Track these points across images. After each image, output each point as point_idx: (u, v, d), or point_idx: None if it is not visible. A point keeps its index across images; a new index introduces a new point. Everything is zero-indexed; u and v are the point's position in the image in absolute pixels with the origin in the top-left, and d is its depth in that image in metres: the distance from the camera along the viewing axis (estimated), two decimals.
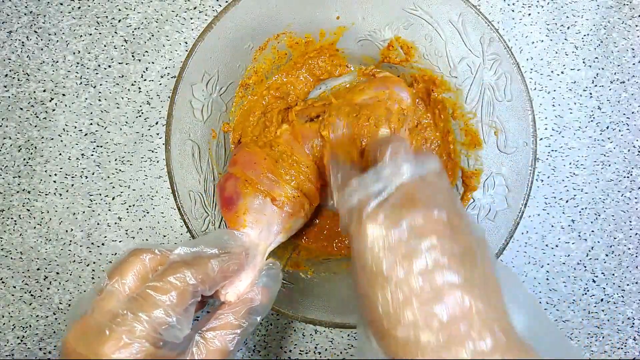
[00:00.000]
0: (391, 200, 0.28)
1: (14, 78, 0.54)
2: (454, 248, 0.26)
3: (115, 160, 0.54)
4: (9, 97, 0.54)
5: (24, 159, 0.54)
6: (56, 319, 0.54)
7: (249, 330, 0.33)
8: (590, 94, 0.54)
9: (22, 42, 0.54)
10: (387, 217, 0.27)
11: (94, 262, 0.54)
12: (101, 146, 0.54)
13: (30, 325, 0.54)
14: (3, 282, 0.54)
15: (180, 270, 0.30)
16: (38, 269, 0.54)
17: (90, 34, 0.54)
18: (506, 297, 0.27)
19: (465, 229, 0.28)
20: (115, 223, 0.54)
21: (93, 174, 0.54)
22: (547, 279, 0.54)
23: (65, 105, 0.54)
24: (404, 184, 0.29)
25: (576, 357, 0.27)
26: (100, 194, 0.54)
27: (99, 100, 0.54)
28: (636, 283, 0.54)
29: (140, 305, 0.28)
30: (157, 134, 0.54)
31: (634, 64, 0.54)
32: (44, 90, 0.54)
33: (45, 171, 0.54)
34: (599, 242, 0.54)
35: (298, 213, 0.42)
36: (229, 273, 0.33)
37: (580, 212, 0.54)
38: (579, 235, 0.54)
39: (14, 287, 0.54)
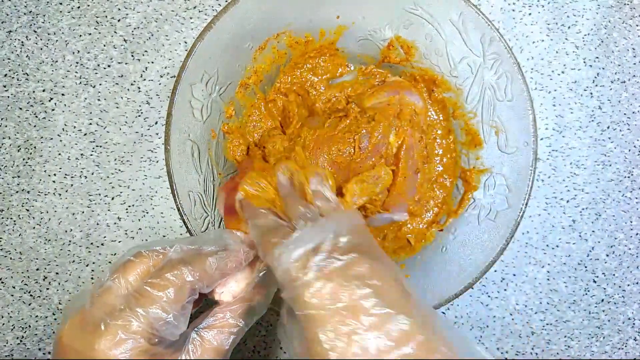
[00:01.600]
0: (332, 264, 0.28)
1: (13, 78, 0.54)
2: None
3: (115, 160, 0.54)
4: (8, 96, 0.54)
5: (23, 159, 0.54)
6: (55, 319, 0.54)
7: (245, 329, 0.33)
8: (591, 93, 0.54)
9: (22, 42, 0.54)
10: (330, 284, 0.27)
11: (94, 263, 0.54)
12: (100, 146, 0.54)
13: (29, 326, 0.54)
14: (2, 283, 0.54)
15: (177, 267, 0.30)
16: (37, 269, 0.54)
17: (90, 34, 0.54)
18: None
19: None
20: (115, 223, 0.53)
21: (92, 174, 0.54)
22: (548, 279, 0.54)
23: (65, 105, 0.54)
24: (338, 241, 0.29)
25: None
26: (99, 194, 0.53)
27: (98, 100, 0.54)
28: (637, 283, 0.54)
29: (138, 301, 0.28)
30: (157, 134, 0.54)
31: (634, 63, 0.54)
32: (43, 90, 0.54)
33: (45, 171, 0.54)
34: (599, 242, 0.54)
35: None
36: (227, 270, 0.33)
37: (581, 212, 0.54)
38: (580, 236, 0.54)
39: (14, 287, 0.54)
